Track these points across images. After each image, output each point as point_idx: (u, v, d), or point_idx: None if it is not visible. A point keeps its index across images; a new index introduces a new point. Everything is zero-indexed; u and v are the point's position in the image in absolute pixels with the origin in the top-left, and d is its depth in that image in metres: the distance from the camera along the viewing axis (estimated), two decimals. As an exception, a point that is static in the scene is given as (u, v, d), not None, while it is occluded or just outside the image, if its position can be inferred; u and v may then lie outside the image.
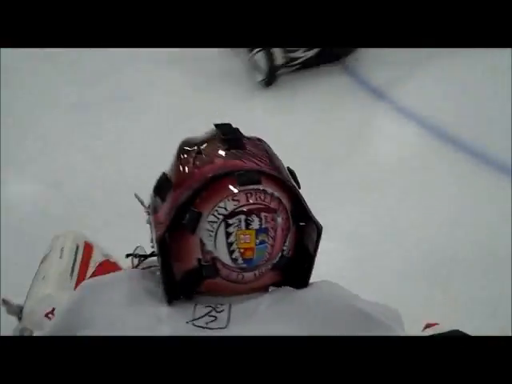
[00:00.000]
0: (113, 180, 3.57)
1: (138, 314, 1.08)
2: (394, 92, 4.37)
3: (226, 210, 1.01)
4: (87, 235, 2.09)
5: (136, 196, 1.37)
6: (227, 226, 1.01)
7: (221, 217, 1.01)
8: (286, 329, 1.04)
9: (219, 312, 1.05)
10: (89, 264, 1.95)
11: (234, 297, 1.07)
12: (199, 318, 1.05)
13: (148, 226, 1.17)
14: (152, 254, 1.25)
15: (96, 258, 1.99)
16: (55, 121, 4.27)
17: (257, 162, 1.06)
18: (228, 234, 1.01)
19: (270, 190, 1.04)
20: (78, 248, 1.97)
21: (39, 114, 4.29)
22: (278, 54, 4.34)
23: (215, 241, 1.02)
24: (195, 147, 1.10)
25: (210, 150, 1.07)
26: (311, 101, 4.42)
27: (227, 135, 1.09)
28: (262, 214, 1.03)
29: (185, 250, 1.05)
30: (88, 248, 2.01)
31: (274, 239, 1.05)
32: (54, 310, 1.61)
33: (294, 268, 1.12)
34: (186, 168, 1.07)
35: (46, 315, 1.63)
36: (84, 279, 1.86)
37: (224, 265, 1.04)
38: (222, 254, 1.03)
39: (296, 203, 1.09)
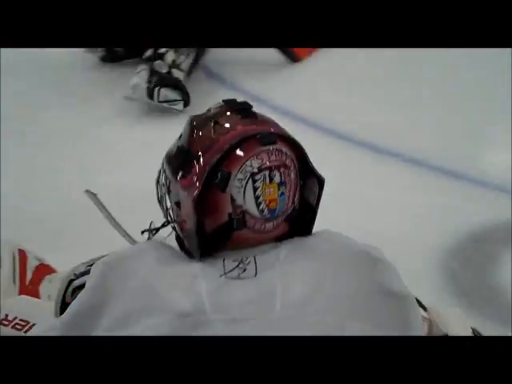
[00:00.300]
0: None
1: (172, 274, 1.20)
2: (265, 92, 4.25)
3: (252, 167, 1.17)
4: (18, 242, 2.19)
5: (87, 192, 1.40)
6: (254, 181, 1.18)
7: (248, 174, 1.17)
8: (306, 268, 1.21)
9: (247, 264, 1.19)
10: (26, 270, 2.07)
11: (256, 249, 1.22)
12: (231, 270, 1.19)
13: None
14: (163, 226, 1.38)
15: (31, 263, 2.11)
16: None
17: (269, 126, 1.24)
18: (255, 189, 1.18)
19: (284, 149, 1.20)
20: (14, 256, 2.08)
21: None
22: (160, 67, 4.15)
23: (244, 195, 1.18)
24: (211, 120, 1.25)
25: (228, 120, 1.23)
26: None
27: (239, 106, 1.27)
28: (281, 170, 1.19)
29: (217, 206, 1.20)
30: (22, 254, 2.11)
31: (290, 192, 1.22)
32: (7, 316, 1.63)
33: (300, 219, 1.28)
34: (210, 137, 1.22)
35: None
36: (25, 285, 2.02)
37: (252, 216, 1.19)
38: (251, 207, 1.19)
39: (301, 161, 1.24)
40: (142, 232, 1.43)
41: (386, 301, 1.21)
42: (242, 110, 1.26)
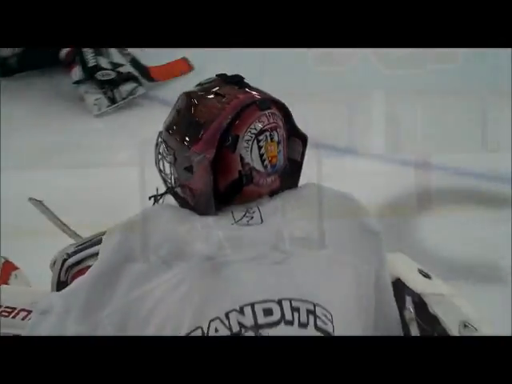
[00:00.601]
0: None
1: (189, 227, 1.36)
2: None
3: (256, 129, 1.36)
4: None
5: (31, 200, 1.47)
6: (258, 141, 1.36)
7: (253, 135, 1.36)
8: (302, 213, 1.40)
9: (253, 213, 1.37)
10: (-5, 268, 2.29)
11: (258, 201, 1.40)
12: (241, 219, 1.37)
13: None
14: (168, 190, 1.53)
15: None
16: None
17: (261, 93, 1.42)
18: (260, 148, 1.36)
19: (276, 112, 1.39)
20: None
21: None
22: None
23: (251, 154, 1.36)
24: (211, 92, 1.43)
25: (228, 91, 1.41)
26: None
27: (234, 78, 1.45)
28: (277, 130, 1.38)
29: (229, 166, 1.37)
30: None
31: (284, 149, 1.41)
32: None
33: (288, 174, 1.47)
34: (216, 106, 1.39)
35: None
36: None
37: (258, 172, 1.38)
38: (257, 164, 1.37)
39: (287, 121, 1.43)
40: (150, 198, 1.56)
41: (367, 237, 1.42)
42: (237, 81, 1.44)
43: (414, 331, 1.50)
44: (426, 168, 3.59)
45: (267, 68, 4.42)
